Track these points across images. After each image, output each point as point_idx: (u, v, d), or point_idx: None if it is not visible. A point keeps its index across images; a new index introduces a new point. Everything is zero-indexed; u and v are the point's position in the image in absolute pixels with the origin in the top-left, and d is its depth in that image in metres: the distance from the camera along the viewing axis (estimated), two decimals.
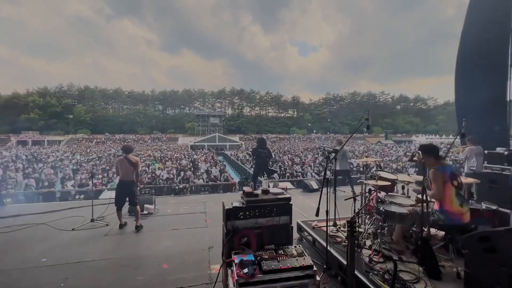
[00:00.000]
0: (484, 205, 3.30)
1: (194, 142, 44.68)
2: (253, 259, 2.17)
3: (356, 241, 3.07)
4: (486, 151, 4.47)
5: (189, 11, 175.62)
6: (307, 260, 2.17)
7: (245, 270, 2.02)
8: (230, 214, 2.47)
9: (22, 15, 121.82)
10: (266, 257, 2.21)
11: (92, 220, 4.80)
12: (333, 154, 3.27)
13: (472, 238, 2.27)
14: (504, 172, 4.21)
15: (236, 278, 2.00)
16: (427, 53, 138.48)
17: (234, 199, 2.68)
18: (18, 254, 3.63)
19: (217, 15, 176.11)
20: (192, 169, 16.13)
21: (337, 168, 6.73)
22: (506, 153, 4.43)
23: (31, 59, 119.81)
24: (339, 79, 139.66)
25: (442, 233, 3.13)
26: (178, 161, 20.00)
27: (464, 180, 3.33)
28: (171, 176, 13.59)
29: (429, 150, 2.92)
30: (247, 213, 2.51)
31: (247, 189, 2.64)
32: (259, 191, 2.73)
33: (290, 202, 2.66)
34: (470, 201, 3.31)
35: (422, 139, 50.57)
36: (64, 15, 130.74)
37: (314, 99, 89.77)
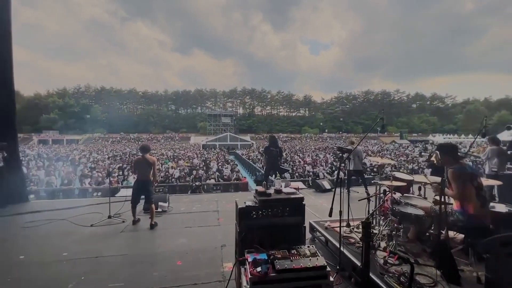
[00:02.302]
0: (507, 208, 3.16)
1: (206, 142, 45.21)
2: (266, 258, 2.19)
3: (370, 242, 3.03)
4: (509, 152, 4.26)
5: (200, 12, 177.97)
6: (321, 261, 2.16)
7: (259, 269, 2.04)
8: (243, 213, 2.49)
9: (41, 20, 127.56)
10: (279, 256, 2.22)
11: (109, 217, 4.96)
12: (346, 154, 3.23)
13: (494, 242, 2.19)
14: None
15: (249, 276, 2.02)
16: (445, 50, 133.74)
17: (247, 198, 2.70)
18: (41, 248, 3.81)
19: (227, 15, 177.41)
20: (205, 168, 16.34)
21: (350, 168, 6.63)
22: None
23: (50, 61, 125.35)
24: (352, 77, 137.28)
25: (460, 236, 3.03)
26: (191, 160, 20.32)
27: (485, 181, 3.20)
28: (183, 174, 13.81)
29: (448, 150, 2.84)
30: (260, 212, 2.53)
31: (260, 188, 2.66)
32: (271, 191, 2.74)
33: (303, 202, 2.66)
34: (492, 204, 3.18)
35: (439, 138, 48.88)
36: (80, 18, 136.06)
37: (326, 98, 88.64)
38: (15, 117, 6.58)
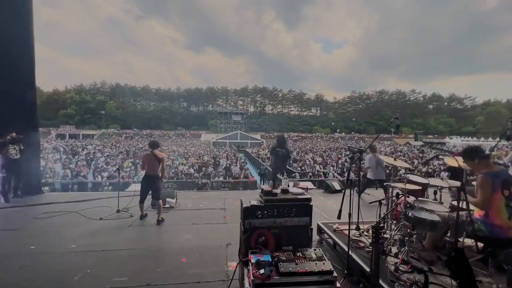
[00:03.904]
0: None
1: (216, 139, 45.52)
2: (270, 259, 2.12)
3: (381, 247, 2.89)
4: None
5: (213, 10, 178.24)
6: (327, 265, 2.07)
7: (262, 271, 1.97)
8: (248, 213, 2.43)
9: (61, 18, 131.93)
10: (284, 258, 2.14)
11: (118, 211, 5.03)
12: (358, 154, 3.09)
13: None
14: None
15: (252, 278, 1.96)
16: (464, 49, 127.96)
17: (253, 197, 2.63)
18: (51, 239, 3.90)
19: (240, 13, 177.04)
20: (214, 165, 16.41)
21: (372, 177, 6.29)
22: None
23: (69, 58, 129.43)
24: (366, 76, 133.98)
25: (479, 244, 2.84)
26: (201, 157, 20.47)
27: None
28: (193, 171, 13.92)
29: (474, 155, 2.59)
30: (266, 212, 2.45)
31: (266, 187, 2.59)
32: (278, 190, 2.65)
33: (311, 203, 2.56)
34: None
35: (457, 141, 47.08)
36: (98, 17, 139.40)
37: (339, 97, 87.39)
38: (36, 113, 6.82)
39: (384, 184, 6.23)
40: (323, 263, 2.10)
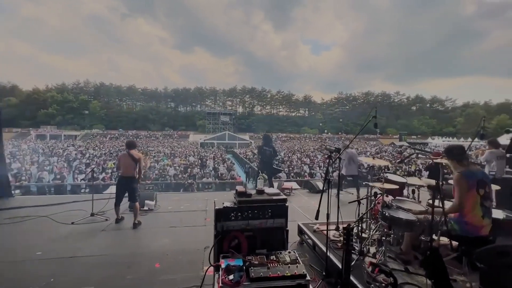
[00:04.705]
0: (504, 214, 2.99)
1: (204, 140, 45.01)
2: (242, 264, 2.01)
3: (359, 248, 2.85)
4: (508, 155, 4.07)
5: (201, 9, 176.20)
6: (300, 269, 1.98)
7: (231, 277, 1.86)
8: (220, 215, 2.32)
9: (42, 14, 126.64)
10: (256, 262, 2.04)
11: (92, 215, 4.78)
12: (335, 154, 3.04)
13: (490, 251, 2.02)
14: None
15: (220, 284, 1.84)
16: (446, 52, 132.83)
17: (230, 199, 2.53)
18: (14, 246, 3.63)
19: (229, 13, 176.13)
20: (201, 166, 16.16)
21: (344, 173, 6.36)
22: None
23: (50, 56, 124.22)
24: (352, 78, 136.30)
25: (454, 243, 2.85)
26: (187, 158, 20.13)
27: None
28: (178, 172, 13.63)
29: (454, 153, 2.62)
30: (239, 214, 2.35)
31: (240, 188, 2.48)
32: (253, 191, 2.56)
33: (286, 204, 2.48)
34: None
35: (438, 141, 48.73)
36: (81, 13, 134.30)
37: (326, 98, 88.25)
38: None
39: (358, 181, 6.36)
40: (297, 266, 2.01)
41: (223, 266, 1.99)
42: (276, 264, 2.04)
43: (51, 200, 5.88)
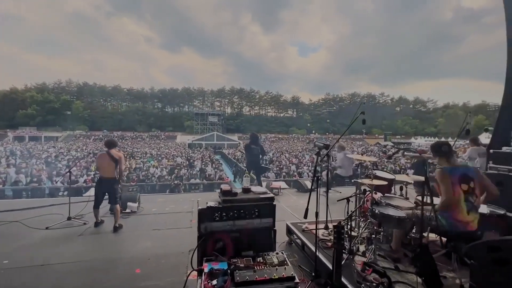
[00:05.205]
0: (489, 209, 3.01)
1: (192, 141, 44.36)
2: (226, 268, 1.88)
3: (348, 247, 2.78)
4: (491, 150, 4.16)
5: (189, 10, 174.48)
6: (289, 270, 1.88)
7: (214, 282, 1.72)
8: (203, 215, 2.18)
9: (22, 11, 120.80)
10: (242, 265, 1.92)
11: (69, 219, 4.49)
12: (324, 151, 2.97)
13: (479, 247, 1.98)
14: (511, 173, 3.89)
15: None
16: (427, 55, 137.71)
17: (215, 199, 2.39)
18: None
19: (217, 14, 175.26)
20: (188, 167, 15.84)
21: (342, 174, 6.41)
22: None
23: (30, 55, 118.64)
24: (339, 79, 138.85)
25: (443, 239, 2.84)
26: (174, 159, 19.71)
27: None
28: (164, 174, 13.28)
29: (437, 149, 2.62)
30: (224, 214, 2.22)
31: (225, 187, 2.35)
32: (239, 190, 2.43)
33: (274, 203, 2.37)
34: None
35: (421, 141, 50.38)
36: (64, 11, 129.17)
37: (314, 99, 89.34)
38: None
39: (352, 180, 6.41)
40: (285, 268, 1.91)
41: (206, 270, 1.85)
42: (263, 267, 1.92)
43: (25, 204, 5.51)
